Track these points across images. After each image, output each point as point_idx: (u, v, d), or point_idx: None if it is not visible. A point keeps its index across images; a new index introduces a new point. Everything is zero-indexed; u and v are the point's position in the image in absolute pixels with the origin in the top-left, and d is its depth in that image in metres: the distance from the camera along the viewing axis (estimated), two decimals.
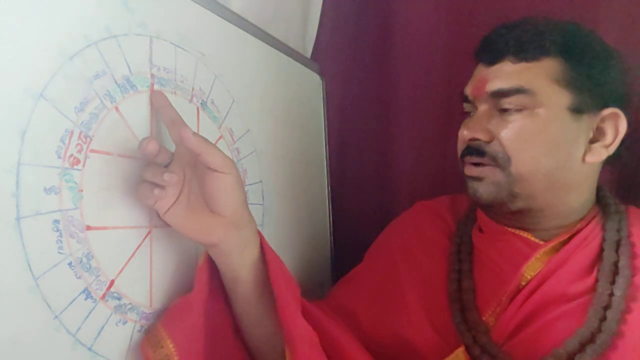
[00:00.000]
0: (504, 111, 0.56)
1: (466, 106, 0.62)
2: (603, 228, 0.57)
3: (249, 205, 0.51)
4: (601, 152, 0.56)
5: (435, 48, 0.89)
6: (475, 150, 0.58)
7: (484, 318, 0.56)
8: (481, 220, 0.64)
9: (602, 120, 0.56)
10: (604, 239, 0.56)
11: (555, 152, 0.55)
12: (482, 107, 0.58)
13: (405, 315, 0.60)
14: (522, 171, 0.55)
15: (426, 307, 0.59)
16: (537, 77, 0.55)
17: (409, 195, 0.89)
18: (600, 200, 0.61)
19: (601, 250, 0.55)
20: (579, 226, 0.58)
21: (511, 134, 0.55)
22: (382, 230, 0.74)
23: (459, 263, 0.61)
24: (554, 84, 0.54)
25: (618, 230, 0.56)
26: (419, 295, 0.61)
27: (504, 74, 0.56)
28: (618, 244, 0.55)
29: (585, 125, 0.55)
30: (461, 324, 0.55)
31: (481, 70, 0.60)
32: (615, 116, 0.55)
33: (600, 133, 0.56)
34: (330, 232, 0.92)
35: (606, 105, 0.55)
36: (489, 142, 0.57)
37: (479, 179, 0.58)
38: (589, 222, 0.58)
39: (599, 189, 0.61)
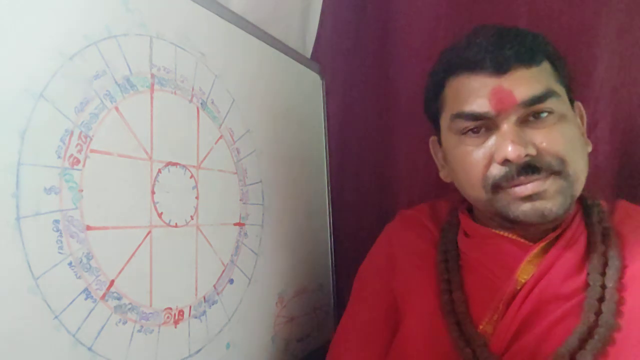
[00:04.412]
0: (536, 119, 0.52)
1: (470, 125, 0.54)
2: (586, 222, 0.57)
3: (250, 205, 0.50)
4: (589, 143, 0.58)
5: (435, 48, 0.88)
6: (531, 167, 0.51)
7: (480, 327, 0.54)
8: (465, 224, 0.62)
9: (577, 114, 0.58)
10: (589, 233, 0.55)
11: (584, 152, 0.55)
12: (511, 120, 0.52)
13: (405, 349, 0.57)
14: (577, 170, 0.53)
15: (422, 328, 0.57)
16: (550, 79, 0.54)
17: (408, 195, 0.89)
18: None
19: (589, 243, 0.55)
20: (563, 224, 0.56)
21: (559, 139, 0.51)
22: (382, 230, 0.74)
23: (447, 273, 0.59)
24: (558, 84, 0.55)
25: (600, 222, 0.56)
26: (415, 318, 0.58)
27: (527, 80, 0.52)
28: (603, 235, 0.55)
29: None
30: (459, 340, 0.53)
31: (488, 82, 0.53)
32: (580, 108, 0.59)
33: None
34: (330, 232, 0.92)
35: (572, 101, 0.58)
36: (535, 156, 0.51)
37: (540, 195, 0.51)
38: (573, 218, 0.57)
39: None
